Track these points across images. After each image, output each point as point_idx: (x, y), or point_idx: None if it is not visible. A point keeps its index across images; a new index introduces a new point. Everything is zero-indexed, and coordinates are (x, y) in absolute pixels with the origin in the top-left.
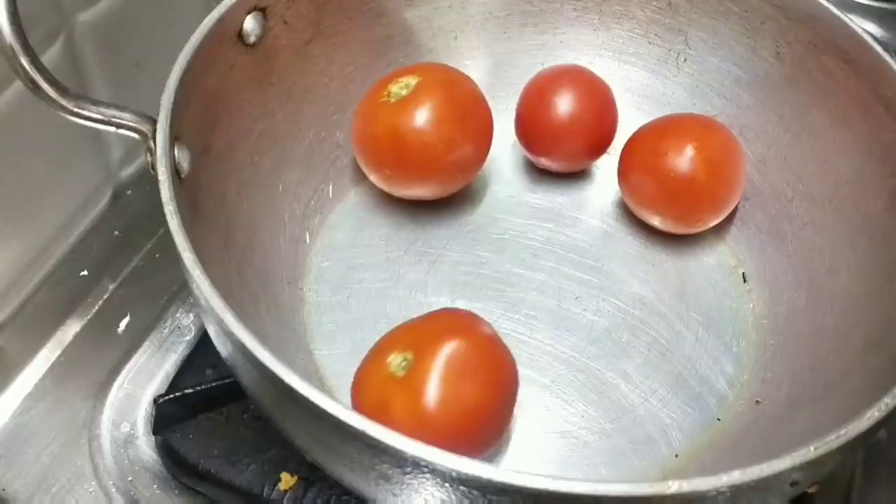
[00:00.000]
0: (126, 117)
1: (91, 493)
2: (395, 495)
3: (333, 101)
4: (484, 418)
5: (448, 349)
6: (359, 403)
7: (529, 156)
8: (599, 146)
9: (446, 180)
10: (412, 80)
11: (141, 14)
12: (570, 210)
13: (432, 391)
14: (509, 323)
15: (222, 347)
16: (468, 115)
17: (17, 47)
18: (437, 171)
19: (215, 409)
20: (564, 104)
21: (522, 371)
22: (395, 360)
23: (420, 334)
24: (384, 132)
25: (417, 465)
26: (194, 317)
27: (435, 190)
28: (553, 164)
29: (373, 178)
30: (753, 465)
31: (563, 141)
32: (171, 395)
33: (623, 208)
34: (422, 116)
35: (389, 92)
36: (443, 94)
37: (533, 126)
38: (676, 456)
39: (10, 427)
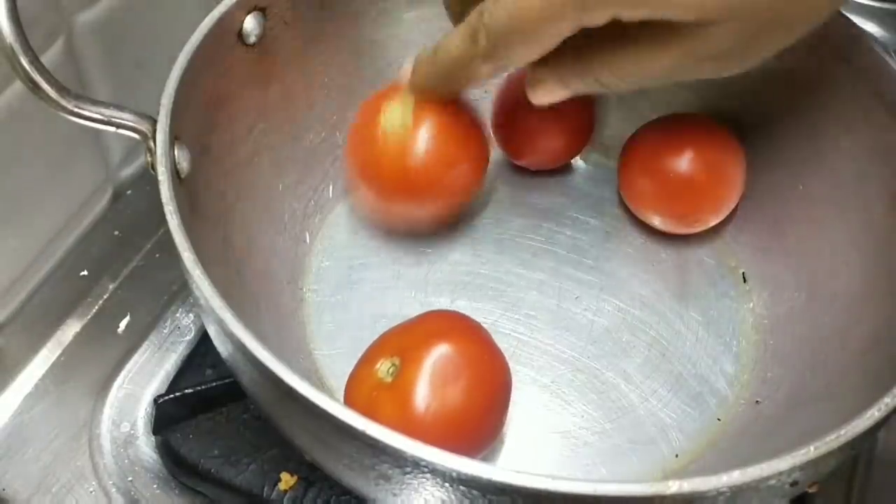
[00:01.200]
0: (126, 117)
1: (91, 493)
2: (394, 495)
3: (333, 101)
4: (473, 421)
5: (435, 353)
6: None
7: (508, 156)
8: (576, 143)
9: (441, 204)
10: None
11: (141, 14)
12: (570, 210)
13: (419, 396)
14: (509, 323)
15: (222, 347)
16: (466, 138)
17: (17, 47)
18: (434, 195)
19: (215, 409)
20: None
21: (522, 371)
22: (383, 367)
23: (407, 339)
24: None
25: (417, 465)
26: (194, 317)
27: (430, 212)
28: (532, 164)
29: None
30: (753, 465)
31: (538, 141)
32: (171, 395)
33: (623, 208)
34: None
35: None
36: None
37: (506, 130)
38: (676, 456)
39: (10, 427)
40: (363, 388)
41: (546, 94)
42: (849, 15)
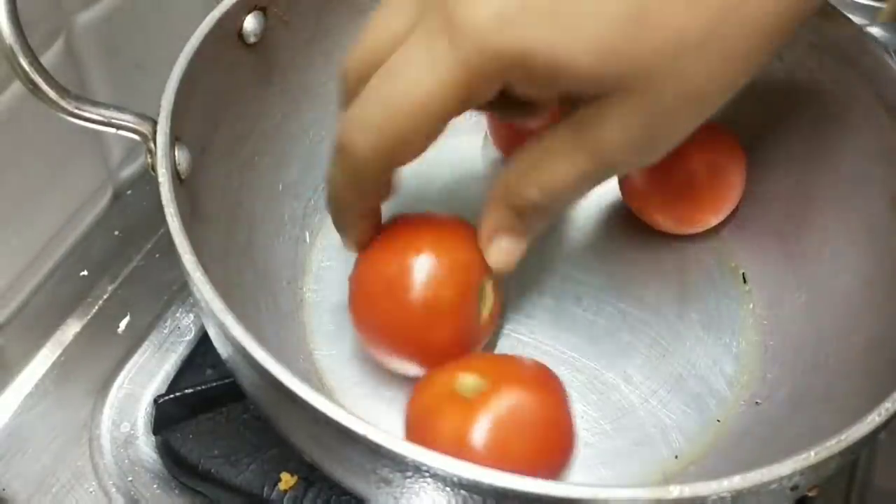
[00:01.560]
0: (126, 118)
1: (91, 493)
2: (396, 499)
3: (333, 100)
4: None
5: (520, 397)
6: (414, 403)
7: (506, 156)
8: None
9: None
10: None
11: (141, 14)
12: (570, 210)
13: (485, 427)
14: (509, 323)
15: (222, 349)
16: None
17: (17, 48)
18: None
19: (215, 409)
20: None
21: None
22: (468, 380)
23: (502, 369)
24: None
25: (418, 470)
26: (194, 317)
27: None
28: None
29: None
30: (754, 468)
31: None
32: (171, 395)
33: (623, 208)
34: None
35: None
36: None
37: (503, 129)
38: (676, 457)
39: (10, 427)
40: (437, 387)
41: (506, 252)
42: (849, 15)
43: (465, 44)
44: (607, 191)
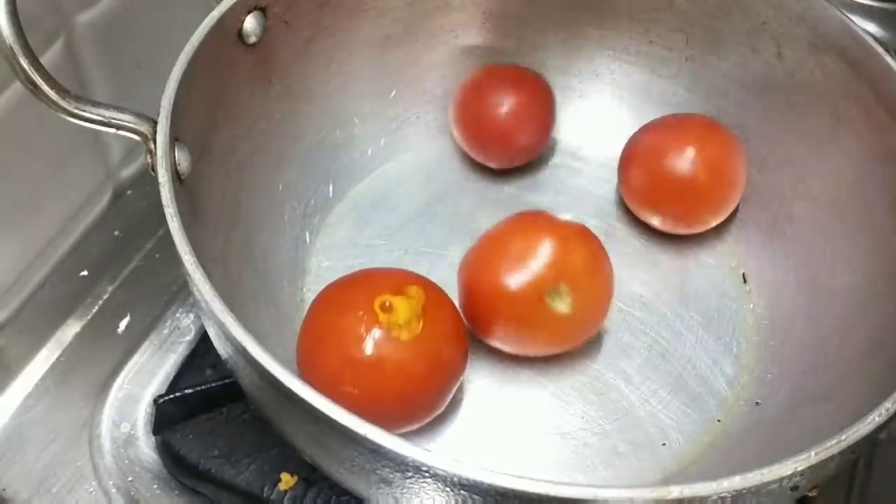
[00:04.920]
0: (126, 119)
1: (91, 493)
2: (395, 499)
3: (333, 100)
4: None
5: None
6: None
7: (473, 156)
8: (541, 141)
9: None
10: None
11: (141, 14)
12: (569, 209)
13: None
14: None
15: (222, 349)
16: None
17: (17, 48)
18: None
19: (215, 409)
20: (483, 109)
21: (522, 371)
22: None
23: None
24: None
25: (419, 470)
26: (194, 317)
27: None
28: (501, 163)
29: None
30: (754, 468)
31: (502, 141)
32: (171, 395)
33: (623, 208)
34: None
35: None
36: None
37: (471, 131)
38: (676, 457)
39: (10, 427)
40: None
41: None
42: (849, 15)
43: None
44: (607, 190)
